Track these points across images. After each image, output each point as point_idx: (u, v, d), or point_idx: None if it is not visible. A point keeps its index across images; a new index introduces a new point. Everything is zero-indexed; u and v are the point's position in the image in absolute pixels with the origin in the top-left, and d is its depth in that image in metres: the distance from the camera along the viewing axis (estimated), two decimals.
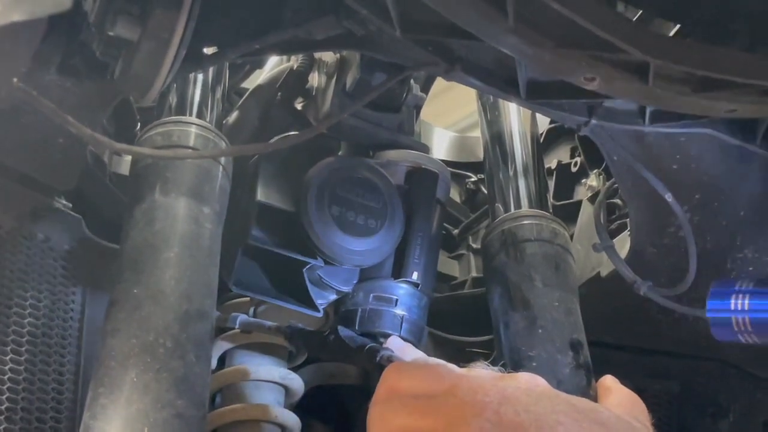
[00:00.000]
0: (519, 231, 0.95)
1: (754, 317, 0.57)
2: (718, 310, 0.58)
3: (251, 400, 0.87)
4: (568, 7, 0.53)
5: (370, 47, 0.75)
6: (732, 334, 0.58)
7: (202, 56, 0.75)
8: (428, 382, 0.68)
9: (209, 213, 0.81)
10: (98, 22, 0.65)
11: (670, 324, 0.98)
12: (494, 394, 0.64)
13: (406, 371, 0.70)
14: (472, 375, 0.69)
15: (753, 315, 0.57)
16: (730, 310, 0.58)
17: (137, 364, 0.70)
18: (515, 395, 0.65)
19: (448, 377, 0.68)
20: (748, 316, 0.57)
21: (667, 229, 0.89)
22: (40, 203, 0.85)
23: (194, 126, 0.84)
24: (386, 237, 0.86)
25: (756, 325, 0.57)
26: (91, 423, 0.69)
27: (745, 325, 0.57)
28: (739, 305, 0.57)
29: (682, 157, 0.82)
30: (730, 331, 0.58)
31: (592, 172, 1.08)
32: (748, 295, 0.57)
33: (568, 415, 0.64)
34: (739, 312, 0.57)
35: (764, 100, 0.61)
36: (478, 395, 0.65)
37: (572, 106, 0.74)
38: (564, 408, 0.65)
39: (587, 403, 0.68)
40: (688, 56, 0.56)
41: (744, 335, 0.58)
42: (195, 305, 0.75)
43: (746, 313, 0.57)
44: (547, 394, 0.67)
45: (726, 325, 0.58)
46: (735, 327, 0.58)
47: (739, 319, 0.57)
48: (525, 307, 0.91)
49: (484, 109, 1.09)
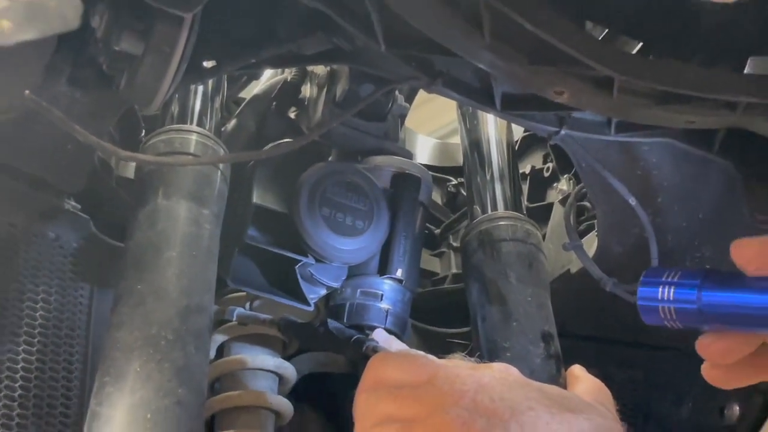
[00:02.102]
0: (495, 231, 0.95)
1: (678, 307, 0.57)
2: (647, 299, 0.59)
3: (247, 387, 0.87)
4: (540, 27, 0.54)
5: (358, 61, 0.75)
6: (659, 320, 0.59)
7: (201, 69, 0.74)
8: (410, 372, 0.67)
9: (208, 215, 0.80)
10: (105, 38, 0.65)
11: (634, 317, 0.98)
12: (471, 382, 0.64)
13: (391, 362, 0.70)
14: (451, 365, 0.69)
15: (677, 305, 0.57)
16: (657, 299, 0.58)
17: (141, 355, 0.70)
18: (491, 384, 0.65)
19: (428, 367, 0.68)
20: (672, 305, 0.58)
21: (632, 230, 0.89)
22: (51, 205, 0.84)
23: (195, 134, 0.84)
24: (372, 236, 0.86)
25: (679, 313, 0.57)
26: (97, 409, 0.68)
27: (670, 313, 0.58)
28: (666, 295, 0.58)
29: (645, 164, 0.82)
30: (657, 317, 0.59)
31: (563, 177, 1.08)
32: (674, 287, 0.58)
33: (540, 401, 0.64)
34: (665, 302, 0.58)
35: (720, 112, 0.61)
36: (456, 384, 0.64)
37: (544, 117, 0.74)
38: (535, 395, 0.65)
39: (557, 390, 0.68)
40: (649, 72, 0.57)
41: (669, 322, 0.58)
42: (195, 300, 0.75)
43: (671, 302, 0.58)
44: (519, 382, 0.67)
45: (653, 312, 0.58)
46: (661, 314, 0.58)
47: (665, 308, 0.58)
48: (500, 301, 0.91)
49: (464, 118, 1.09)
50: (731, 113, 0.61)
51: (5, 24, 0.44)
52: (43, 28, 0.44)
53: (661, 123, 0.65)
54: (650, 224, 0.83)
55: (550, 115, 0.74)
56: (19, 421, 0.77)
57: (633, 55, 0.57)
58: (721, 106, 0.60)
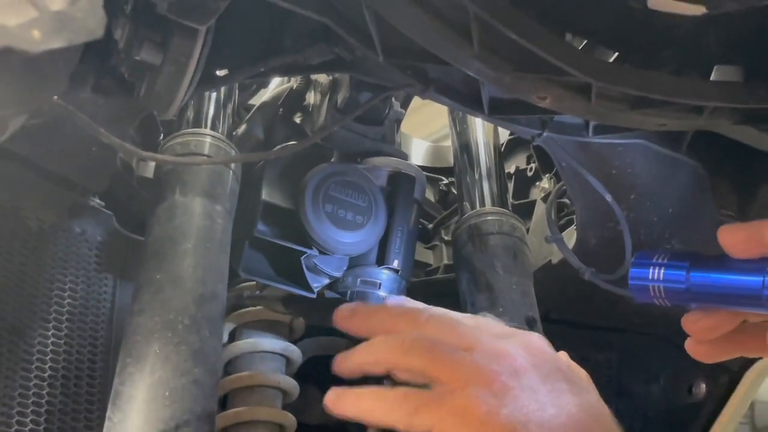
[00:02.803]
0: (483, 225, 0.95)
1: (667, 286, 0.58)
2: (638, 278, 0.59)
3: (257, 368, 0.87)
4: (525, 37, 0.54)
5: (358, 70, 0.75)
6: (649, 298, 0.59)
7: (215, 77, 0.74)
8: (453, 336, 0.65)
9: (221, 210, 0.80)
10: (126, 48, 0.64)
11: (610, 304, 0.99)
12: (506, 365, 0.62)
13: (434, 321, 0.67)
14: (487, 336, 0.66)
15: (666, 285, 0.58)
16: (648, 279, 0.58)
17: (160, 338, 0.70)
18: (522, 368, 0.62)
19: (470, 336, 0.65)
20: (662, 285, 0.58)
21: (607, 224, 0.89)
22: (77, 202, 0.84)
23: (208, 137, 0.84)
24: (371, 230, 0.86)
25: (668, 292, 0.58)
26: (120, 389, 0.68)
27: (660, 291, 0.58)
28: (656, 275, 0.58)
29: (620, 164, 0.82)
30: (647, 295, 0.59)
31: (545, 176, 1.08)
32: (664, 268, 0.58)
33: (561, 391, 0.62)
34: (655, 281, 0.58)
35: (689, 115, 0.61)
36: (492, 363, 0.62)
37: (528, 121, 0.74)
38: (561, 383, 0.63)
39: (572, 369, 0.67)
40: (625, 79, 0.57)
41: (658, 300, 0.59)
42: (209, 289, 0.75)
43: (661, 282, 0.58)
44: (546, 363, 0.65)
45: (644, 291, 0.59)
46: (651, 293, 0.59)
47: (655, 287, 0.58)
48: (488, 289, 0.91)
49: (454, 122, 1.09)
50: (699, 116, 0.61)
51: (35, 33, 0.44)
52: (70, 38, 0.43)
53: (635, 125, 0.65)
54: (624, 219, 0.83)
55: (533, 118, 0.74)
56: (48, 399, 0.77)
57: (610, 64, 0.57)
58: (690, 110, 0.60)
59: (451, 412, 0.60)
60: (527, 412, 0.59)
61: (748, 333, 0.59)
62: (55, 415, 0.77)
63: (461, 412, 0.60)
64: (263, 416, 0.85)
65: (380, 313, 0.72)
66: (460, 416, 0.60)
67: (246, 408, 0.84)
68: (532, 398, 0.60)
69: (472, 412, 0.59)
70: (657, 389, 1.11)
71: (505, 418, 0.58)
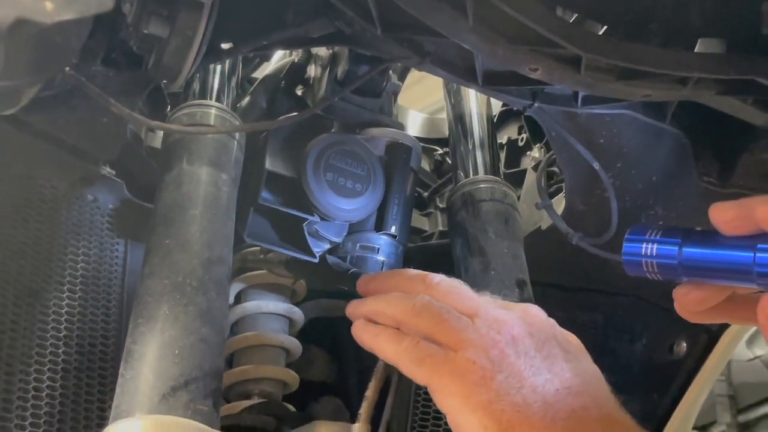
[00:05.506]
0: (476, 193, 0.95)
1: (660, 262, 0.58)
2: (631, 254, 0.59)
3: (262, 328, 0.88)
4: (518, 11, 0.53)
5: (357, 43, 0.75)
6: (641, 273, 0.59)
7: (220, 51, 0.74)
8: (458, 302, 0.67)
9: (226, 179, 0.80)
10: (135, 22, 0.64)
11: (596, 267, 0.99)
12: (505, 332, 0.63)
13: (442, 287, 0.70)
14: (489, 306, 0.68)
15: (658, 260, 0.58)
16: (641, 254, 0.58)
17: (169, 300, 0.70)
18: (520, 336, 0.64)
19: (474, 303, 0.67)
20: (655, 260, 0.58)
21: (595, 191, 0.89)
22: (89, 171, 0.84)
23: (214, 108, 0.84)
24: (370, 198, 0.86)
25: (660, 267, 0.58)
26: (132, 347, 0.69)
27: (652, 266, 0.58)
28: (648, 251, 0.58)
29: (607, 133, 0.82)
30: (640, 270, 0.59)
31: (535, 146, 1.08)
32: (656, 244, 0.58)
33: (557, 360, 0.64)
34: (648, 257, 0.58)
35: (674, 86, 0.61)
36: (492, 330, 0.63)
37: (519, 92, 0.74)
38: (556, 350, 0.64)
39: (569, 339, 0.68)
40: (613, 51, 0.57)
41: (651, 274, 0.58)
42: (215, 253, 0.75)
43: (653, 257, 0.58)
44: (543, 332, 0.66)
45: (637, 266, 0.59)
46: (644, 268, 0.58)
47: (648, 262, 0.58)
48: (481, 254, 0.91)
49: (449, 94, 1.08)
50: (683, 87, 0.61)
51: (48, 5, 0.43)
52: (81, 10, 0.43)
53: (622, 96, 0.64)
54: (611, 186, 0.83)
55: (525, 90, 0.73)
56: (64, 357, 0.78)
57: (599, 36, 0.57)
58: (674, 81, 0.60)
59: (449, 372, 0.62)
60: (522, 378, 0.60)
61: (736, 302, 0.59)
62: (71, 372, 0.77)
63: (459, 373, 0.61)
64: (268, 374, 0.86)
65: (398, 276, 0.76)
66: (457, 377, 0.61)
67: (252, 366, 0.85)
68: (527, 364, 0.62)
69: (469, 375, 0.61)
70: (640, 348, 1.11)
71: (498, 384, 0.60)
